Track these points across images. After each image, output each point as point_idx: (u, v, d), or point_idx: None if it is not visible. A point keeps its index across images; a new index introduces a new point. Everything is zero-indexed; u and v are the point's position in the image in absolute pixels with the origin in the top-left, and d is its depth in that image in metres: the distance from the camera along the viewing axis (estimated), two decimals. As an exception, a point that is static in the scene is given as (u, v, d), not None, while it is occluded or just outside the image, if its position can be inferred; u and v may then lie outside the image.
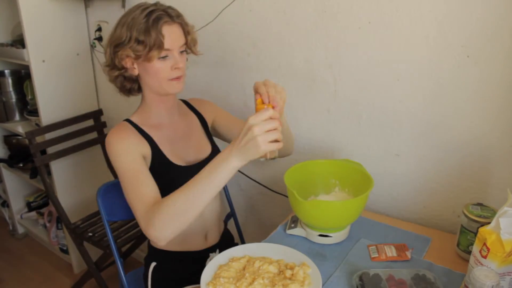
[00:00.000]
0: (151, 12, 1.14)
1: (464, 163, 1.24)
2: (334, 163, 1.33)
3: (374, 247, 1.18)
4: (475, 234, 1.04)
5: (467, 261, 0.99)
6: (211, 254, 1.37)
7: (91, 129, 2.23)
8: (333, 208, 1.14)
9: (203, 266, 1.35)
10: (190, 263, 1.35)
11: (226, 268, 1.04)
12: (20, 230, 2.81)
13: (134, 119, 1.28)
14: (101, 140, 2.27)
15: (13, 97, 2.36)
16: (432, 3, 1.16)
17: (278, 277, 1.00)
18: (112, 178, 2.34)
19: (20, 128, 2.30)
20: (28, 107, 2.36)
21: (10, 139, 2.53)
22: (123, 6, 1.95)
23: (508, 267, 0.90)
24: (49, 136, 2.08)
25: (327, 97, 1.45)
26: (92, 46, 2.19)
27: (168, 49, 1.16)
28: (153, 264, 1.35)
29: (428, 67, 1.22)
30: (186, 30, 1.22)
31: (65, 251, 2.50)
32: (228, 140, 1.45)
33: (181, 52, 1.21)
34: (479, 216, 1.08)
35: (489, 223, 0.94)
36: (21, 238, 2.81)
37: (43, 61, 2.04)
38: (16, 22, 2.29)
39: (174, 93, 1.25)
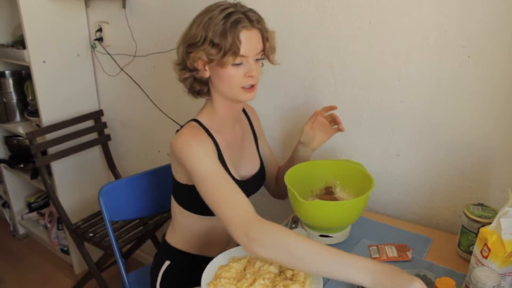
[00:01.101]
0: (230, 13, 1.06)
1: (465, 163, 1.24)
2: (335, 163, 1.33)
3: (375, 247, 1.18)
4: (476, 234, 1.04)
5: (468, 261, 0.99)
6: None
7: (91, 130, 2.23)
8: (334, 209, 1.14)
9: None
10: (204, 268, 1.33)
11: (227, 268, 1.03)
12: (21, 230, 2.81)
13: (202, 120, 1.21)
14: (101, 140, 2.27)
15: (14, 98, 2.36)
16: (433, 4, 1.16)
17: (279, 278, 1.00)
18: (112, 179, 2.34)
19: (20, 129, 2.30)
20: (29, 108, 2.36)
21: (10, 139, 2.53)
22: (124, 6, 1.95)
23: (509, 267, 0.90)
24: (49, 136, 2.08)
25: (327, 97, 1.45)
26: (93, 47, 2.19)
27: (243, 56, 1.08)
28: (167, 262, 1.33)
29: (428, 67, 1.22)
30: (266, 37, 1.14)
31: (66, 252, 2.50)
32: None
33: (257, 59, 1.13)
34: (480, 217, 1.08)
35: (490, 223, 0.94)
36: (21, 239, 2.81)
37: (44, 61, 2.04)
38: (17, 23, 2.29)
39: (245, 101, 1.19)
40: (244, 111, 1.37)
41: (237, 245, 1.42)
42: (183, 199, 1.25)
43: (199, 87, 1.19)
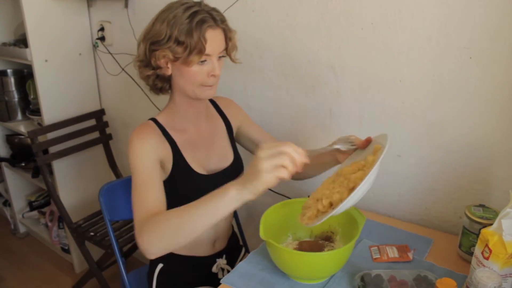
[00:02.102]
0: (196, 12, 1.08)
1: (466, 164, 1.24)
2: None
3: (376, 248, 1.18)
4: (477, 235, 1.04)
5: (469, 262, 0.99)
6: (218, 260, 1.37)
7: (93, 129, 2.23)
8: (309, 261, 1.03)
9: (209, 271, 1.35)
10: (197, 268, 1.34)
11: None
12: (22, 229, 2.81)
13: (160, 119, 1.23)
14: (103, 139, 2.28)
15: (16, 97, 2.37)
16: (434, 5, 1.16)
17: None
18: (114, 178, 2.34)
19: (22, 128, 2.31)
20: (31, 107, 2.36)
21: (12, 138, 2.54)
22: (126, 6, 1.95)
23: (510, 268, 0.90)
24: (51, 135, 2.09)
25: (329, 98, 1.45)
26: (95, 46, 2.20)
27: (208, 54, 1.10)
28: (160, 265, 1.34)
29: (430, 68, 1.22)
30: (228, 36, 1.17)
31: (67, 251, 2.50)
32: (250, 151, 1.42)
33: (219, 57, 1.16)
34: (481, 218, 1.08)
35: (491, 224, 0.94)
36: (22, 238, 2.81)
37: (46, 60, 2.04)
38: (19, 21, 2.30)
39: (205, 98, 1.21)
40: (216, 106, 1.37)
41: (227, 237, 1.42)
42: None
43: (161, 84, 1.21)
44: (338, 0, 1.32)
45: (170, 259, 1.33)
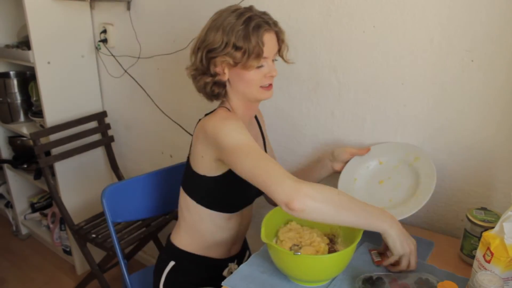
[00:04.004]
0: (250, 18, 1.11)
1: (467, 167, 1.24)
2: None
3: (376, 251, 1.18)
4: (479, 238, 1.04)
5: (471, 265, 0.99)
6: (230, 264, 1.37)
7: (95, 131, 2.23)
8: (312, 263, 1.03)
9: (220, 274, 1.35)
10: (208, 269, 1.35)
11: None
12: (24, 231, 2.82)
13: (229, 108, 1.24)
14: (105, 141, 2.28)
15: (18, 99, 2.37)
16: (436, 7, 1.16)
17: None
18: (116, 180, 2.35)
19: (24, 129, 2.31)
20: (33, 109, 2.37)
21: (14, 140, 2.54)
22: (128, 8, 1.96)
23: (512, 272, 0.90)
24: (53, 137, 2.09)
25: (331, 100, 1.45)
26: (97, 48, 2.20)
27: (265, 57, 1.13)
28: (172, 263, 1.34)
29: (432, 71, 1.22)
30: (281, 38, 1.20)
31: (68, 252, 2.51)
32: None
33: (273, 60, 1.19)
34: (483, 221, 1.08)
35: (492, 227, 0.94)
36: (24, 239, 2.82)
37: (48, 62, 2.05)
38: (22, 24, 2.30)
39: (264, 99, 1.23)
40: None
41: (242, 246, 1.44)
42: (197, 192, 1.26)
43: (218, 90, 1.21)
44: (341, 3, 1.33)
45: (182, 257, 1.34)
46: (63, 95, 2.15)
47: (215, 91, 1.21)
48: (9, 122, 2.41)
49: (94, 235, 1.98)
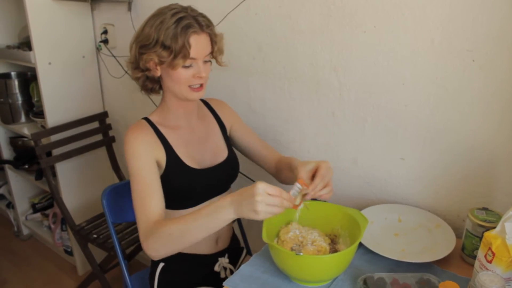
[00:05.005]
0: (182, 18, 1.12)
1: (469, 167, 1.24)
2: (344, 212, 1.19)
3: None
4: (480, 238, 1.04)
5: (472, 265, 0.99)
6: (220, 259, 1.37)
7: (96, 131, 2.24)
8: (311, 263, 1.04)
9: (211, 270, 1.36)
10: (199, 266, 1.35)
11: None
12: (25, 231, 2.82)
13: (152, 118, 1.28)
14: (106, 142, 2.28)
15: (19, 99, 2.38)
16: (437, 7, 1.16)
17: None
18: (117, 180, 2.35)
19: (25, 130, 2.32)
20: (34, 109, 2.37)
21: (16, 140, 2.54)
22: (129, 9, 1.96)
23: (514, 272, 0.90)
24: (54, 138, 2.09)
25: (332, 101, 1.45)
26: (98, 49, 2.20)
27: (193, 58, 1.15)
28: (161, 264, 1.35)
29: (433, 71, 1.22)
30: (214, 40, 1.21)
31: (70, 253, 2.51)
32: (241, 151, 1.45)
33: (206, 61, 1.20)
34: (484, 221, 1.08)
35: (494, 227, 0.94)
36: (25, 240, 2.82)
37: (49, 63, 2.05)
38: (23, 24, 2.31)
39: (193, 100, 1.25)
40: (209, 106, 1.42)
41: (229, 235, 1.43)
42: None
43: (151, 85, 1.27)
44: (341, 3, 1.33)
45: (171, 257, 1.31)
46: (64, 95, 2.15)
47: (147, 86, 1.26)
48: (10, 123, 2.41)
49: (95, 236, 1.99)
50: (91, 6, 2.14)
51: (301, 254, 1.00)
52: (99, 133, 2.25)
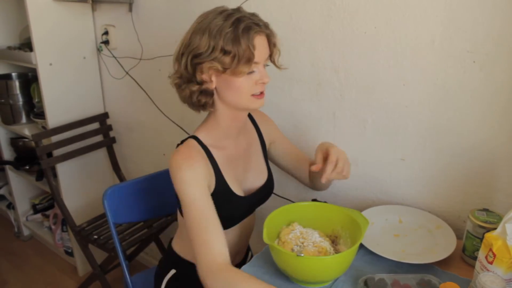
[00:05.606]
0: (239, 19, 1.02)
1: (469, 168, 1.24)
2: (345, 213, 1.18)
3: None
4: (481, 239, 1.04)
5: (473, 266, 0.99)
6: None
7: (97, 132, 2.24)
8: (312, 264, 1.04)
9: None
10: None
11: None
12: (26, 232, 2.82)
13: (202, 137, 1.16)
14: (106, 143, 2.28)
15: (20, 100, 2.38)
16: (438, 8, 1.16)
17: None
18: (117, 181, 2.35)
19: (26, 131, 2.32)
20: (35, 110, 2.37)
21: (16, 141, 2.54)
22: (130, 10, 1.96)
23: (515, 273, 0.89)
24: (55, 138, 2.10)
25: (332, 101, 1.45)
26: (99, 50, 2.21)
27: (256, 62, 1.05)
28: (173, 271, 1.31)
29: (434, 72, 1.22)
30: (273, 42, 1.11)
31: (70, 254, 2.51)
32: (280, 166, 1.39)
33: (265, 65, 1.11)
34: (485, 222, 1.08)
35: (495, 228, 0.94)
36: (26, 240, 2.82)
37: (50, 64, 2.05)
38: (24, 25, 2.31)
39: (256, 109, 1.16)
40: (251, 117, 1.33)
41: (246, 252, 1.42)
42: None
43: (205, 100, 1.12)
44: (342, 4, 1.33)
45: (183, 266, 1.30)
46: (65, 96, 2.15)
47: (201, 100, 1.12)
48: (11, 124, 2.41)
49: (96, 236, 1.99)
50: (92, 7, 2.15)
51: (302, 255, 1.00)
52: (99, 134, 2.26)
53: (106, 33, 2.12)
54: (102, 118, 2.27)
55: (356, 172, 1.47)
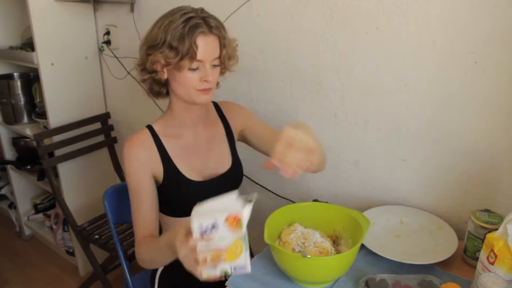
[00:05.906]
0: (190, 18, 1.08)
1: (471, 169, 1.24)
2: (346, 213, 1.18)
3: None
4: (483, 240, 1.04)
5: (474, 267, 0.99)
6: None
7: (98, 132, 2.24)
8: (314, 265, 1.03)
9: None
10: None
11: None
12: (27, 231, 2.82)
13: (155, 126, 1.24)
14: (108, 143, 2.28)
15: (22, 100, 2.38)
16: (439, 9, 1.16)
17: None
18: (118, 181, 2.35)
19: (28, 131, 2.32)
20: (37, 110, 2.37)
21: (18, 141, 2.55)
22: (132, 10, 1.96)
23: (516, 274, 0.89)
24: (56, 138, 2.10)
25: (334, 102, 1.45)
26: (101, 50, 2.21)
27: (199, 61, 1.10)
28: (161, 268, 1.34)
29: (435, 73, 1.22)
30: (223, 44, 1.15)
31: (71, 253, 2.51)
32: (258, 149, 1.38)
33: (214, 65, 1.15)
34: (487, 223, 1.08)
35: (496, 229, 0.94)
36: (27, 240, 2.82)
37: (52, 64, 2.06)
38: (26, 25, 2.31)
39: (201, 103, 1.20)
40: (219, 111, 1.36)
41: None
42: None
43: (158, 89, 1.22)
44: (343, 4, 1.33)
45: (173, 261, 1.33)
46: (67, 96, 2.16)
47: (154, 89, 1.22)
48: (12, 123, 2.42)
49: (97, 236, 1.99)
50: (93, 7, 2.15)
51: (309, 256, 1.00)
52: (101, 134, 2.26)
53: (107, 33, 2.12)
54: (104, 118, 2.27)
55: (357, 173, 1.47)
